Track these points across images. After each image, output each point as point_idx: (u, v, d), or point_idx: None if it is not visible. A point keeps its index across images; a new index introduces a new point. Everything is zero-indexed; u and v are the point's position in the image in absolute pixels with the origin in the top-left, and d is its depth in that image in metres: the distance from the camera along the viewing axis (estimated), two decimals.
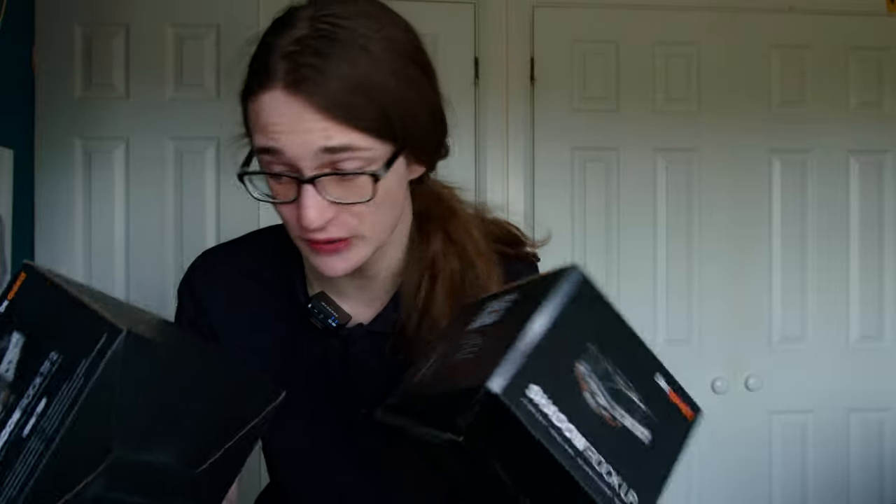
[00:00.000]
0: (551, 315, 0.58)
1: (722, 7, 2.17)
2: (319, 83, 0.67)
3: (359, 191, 0.71)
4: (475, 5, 2.10)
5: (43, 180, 1.94)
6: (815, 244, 2.21)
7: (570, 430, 0.56)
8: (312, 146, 0.68)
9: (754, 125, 2.18)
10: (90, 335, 0.58)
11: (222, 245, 0.94)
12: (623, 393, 0.61)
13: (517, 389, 0.55)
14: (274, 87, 0.69)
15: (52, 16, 1.94)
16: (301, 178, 0.69)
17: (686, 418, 0.66)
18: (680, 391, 0.66)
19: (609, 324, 0.63)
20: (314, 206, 0.69)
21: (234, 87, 0.80)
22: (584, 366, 0.59)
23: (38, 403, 0.57)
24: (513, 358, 0.56)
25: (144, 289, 1.97)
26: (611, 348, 0.61)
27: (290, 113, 0.68)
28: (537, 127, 2.13)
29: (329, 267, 0.74)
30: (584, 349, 0.60)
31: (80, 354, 0.57)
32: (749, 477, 2.19)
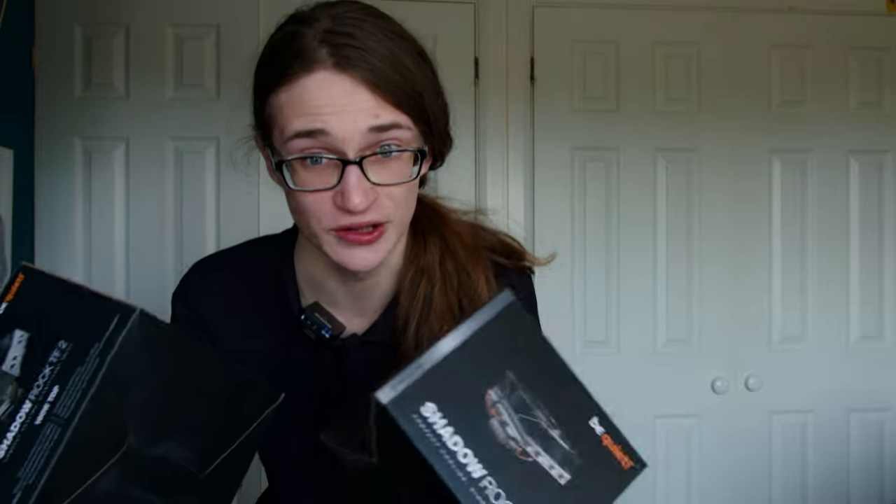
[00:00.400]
0: (463, 335, 0.56)
1: (722, 7, 2.17)
2: (366, 60, 0.69)
3: (399, 172, 0.71)
4: (475, 5, 2.10)
5: (43, 180, 1.94)
6: (815, 244, 2.21)
7: (465, 456, 0.53)
8: (361, 125, 0.68)
9: (754, 125, 2.18)
10: (101, 318, 0.58)
11: (215, 254, 0.93)
12: (541, 427, 0.56)
13: (409, 404, 0.53)
14: (318, 68, 0.69)
15: (52, 16, 1.94)
16: (346, 159, 0.69)
17: (620, 467, 0.59)
18: (620, 440, 0.60)
19: (538, 354, 0.59)
20: (359, 188, 0.69)
21: (234, 87, 0.80)
22: (495, 392, 0.56)
23: (50, 391, 0.57)
24: (410, 372, 0.54)
25: (144, 289, 1.96)
26: (535, 380, 0.57)
27: (340, 91, 0.68)
28: (537, 127, 2.13)
29: (359, 258, 0.74)
30: (498, 375, 0.56)
31: (92, 338, 0.58)
32: (749, 477, 2.19)
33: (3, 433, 0.56)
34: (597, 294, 2.14)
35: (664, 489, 2.17)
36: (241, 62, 0.78)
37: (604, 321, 2.14)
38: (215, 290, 0.88)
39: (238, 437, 0.71)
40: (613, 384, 2.10)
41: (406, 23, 0.77)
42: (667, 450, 2.16)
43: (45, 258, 1.94)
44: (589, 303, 2.14)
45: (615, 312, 2.14)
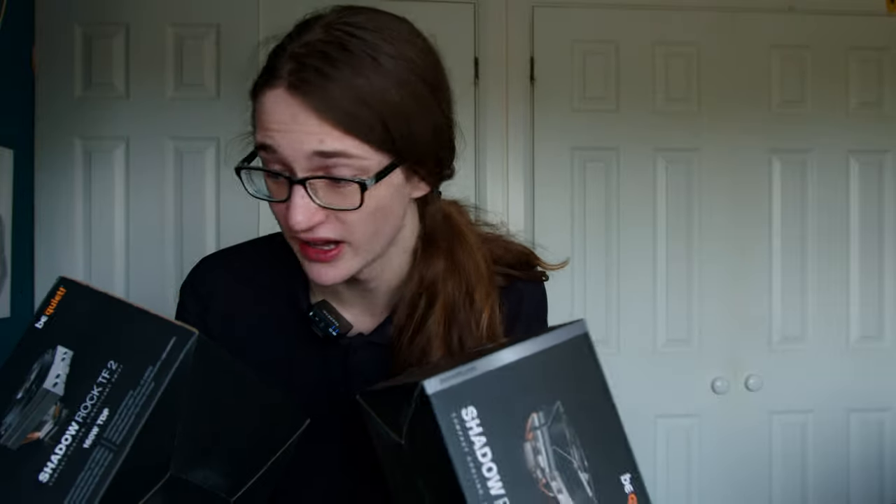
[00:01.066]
0: (526, 350, 0.55)
1: (722, 7, 2.17)
2: (321, 87, 0.68)
3: (349, 198, 0.71)
4: (475, 5, 2.10)
5: (43, 180, 1.94)
6: (815, 244, 2.21)
7: (489, 470, 0.52)
8: (305, 148, 0.68)
9: (754, 125, 2.18)
10: (155, 339, 0.56)
11: (222, 251, 0.94)
12: (572, 466, 0.55)
13: (452, 401, 0.52)
14: (277, 86, 0.70)
15: (52, 16, 1.94)
16: (293, 178, 0.70)
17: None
18: (644, 498, 0.58)
19: (593, 395, 0.58)
20: (302, 207, 0.70)
21: (234, 87, 0.80)
22: (539, 417, 0.55)
23: (100, 414, 0.55)
24: (463, 371, 0.53)
25: (144, 289, 1.96)
26: (581, 419, 0.56)
27: (288, 113, 0.69)
28: (537, 127, 2.13)
29: (318, 274, 0.75)
30: (548, 402, 0.55)
31: (145, 360, 0.55)
32: (749, 477, 2.19)
33: (48, 455, 0.54)
34: (597, 294, 2.14)
35: (664, 489, 2.17)
36: (241, 62, 0.78)
37: (604, 321, 2.14)
38: (220, 286, 0.88)
39: (265, 463, 0.70)
40: (613, 384, 2.09)
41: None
42: (667, 450, 2.16)
43: (45, 258, 1.94)
44: (589, 303, 2.14)
45: (615, 312, 2.14)
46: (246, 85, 0.77)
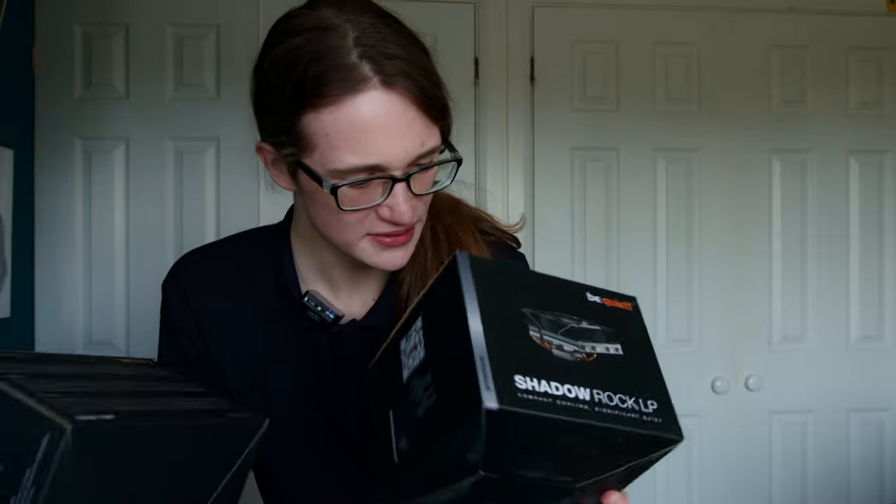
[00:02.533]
0: (475, 306, 0.57)
1: (722, 7, 2.17)
2: (407, 75, 0.68)
3: (432, 179, 0.74)
4: (475, 5, 2.10)
5: (43, 180, 1.94)
6: (815, 244, 2.21)
7: (569, 391, 0.55)
8: (412, 153, 0.69)
9: (754, 125, 2.18)
10: (30, 437, 0.51)
11: (205, 245, 0.93)
12: (577, 328, 0.60)
13: (508, 390, 0.53)
14: (367, 88, 0.67)
15: (52, 16, 1.94)
16: (395, 178, 0.70)
17: (628, 311, 0.66)
18: (609, 294, 0.66)
19: (522, 282, 0.62)
20: (408, 203, 0.71)
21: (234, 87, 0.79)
22: (534, 330, 0.58)
23: None
24: (482, 367, 0.53)
25: (144, 289, 1.97)
26: (540, 299, 0.61)
27: (394, 113, 0.68)
28: (537, 127, 2.13)
29: (394, 258, 0.76)
30: (522, 317, 0.58)
31: (23, 462, 0.51)
32: (749, 476, 2.19)
33: None
34: None
35: (664, 489, 2.17)
36: (241, 62, 0.78)
37: None
38: (206, 280, 0.88)
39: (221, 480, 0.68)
40: None
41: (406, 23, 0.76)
42: None
43: (45, 258, 1.94)
44: None
45: None
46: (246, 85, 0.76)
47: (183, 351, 0.87)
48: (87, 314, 1.97)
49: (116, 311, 1.97)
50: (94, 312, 1.97)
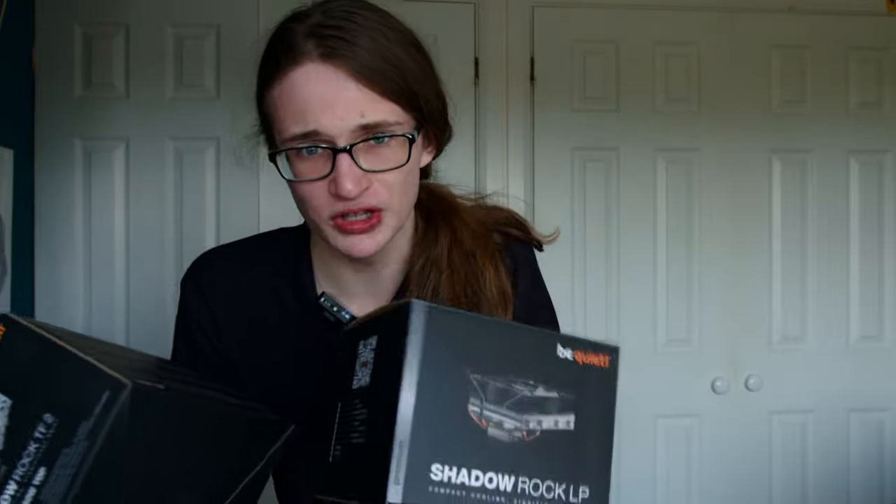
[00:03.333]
0: (413, 381, 0.54)
1: (722, 7, 2.17)
2: (351, 51, 0.70)
3: (392, 158, 0.73)
4: (475, 5, 2.09)
5: (43, 180, 1.94)
6: (815, 244, 2.21)
7: (490, 480, 0.54)
8: (350, 123, 0.70)
9: (754, 125, 2.18)
10: (90, 392, 0.52)
11: (226, 245, 0.94)
12: (527, 397, 0.57)
13: (418, 484, 0.52)
14: (305, 61, 0.71)
15: (52, 16, 1.94)
16: (336, 148, 0.71)
17: (601, 368, 0.62)
18: (585, 346, 0.61)
19: (482, 337, 0.58)
20: (350, 175, 0.71)
21: (234, 87, 0.80)
22: (474, 404, 0.56)
23: (36, 473, 0.51)
24: (398, 454, 0.53)
25: (144, 289, 1.96)
26: (495, 363, 0.57)
27: (327, 83, 0.70)
28: (537, 127, 2.13)
29: (357, 246, 0.75)
30: (466, 386, 0.56)
31: (79, 415, 0.52)
32: (749, 477, 2.19)
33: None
34: (597, 294, 2.14)
35: (664, 489, 2.17)
36: (241, 62, 0.78)
37: (604, 321, 2.14)
38: (223, 280, 0.88)
39: (247, 475, 0.69)
40: None
41: (406, 23, 0.78)
42: (667, 450, 2.16)
43: (45, 258, 1.94)
44: (589, 303, 2.14)
45: (615, 313, 2.14)
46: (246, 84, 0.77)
47: (199, 348, 0.88)
48: (87, 314, 1.97)
49: (116, 311, 1.97)
50: (94, 312, 1.97)
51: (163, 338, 0.91)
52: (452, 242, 0.85)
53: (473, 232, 0.86)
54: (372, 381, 0.59)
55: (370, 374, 0.59)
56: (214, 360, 0.87)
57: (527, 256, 0.92)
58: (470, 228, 0.86)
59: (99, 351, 0.58)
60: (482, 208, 0.92)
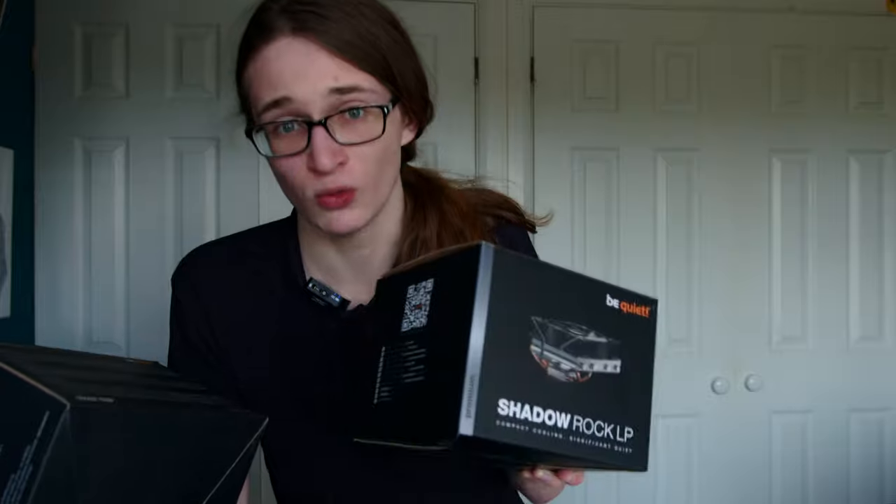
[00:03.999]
0: (483, 318, 0.56)
1: (722, 7, 2.17)
2: (323, 26, 0.71)
3: (367, 131, 0.73)
4: (475, 5, 2.09)
5: (43, 180, 1.94)
6: (815, 244, 2.21)
7: (550, 417, 0.57)
8: (321, 87, 0.70)
9: (754, 125, 2.18)
10: (31, 414, 0.51)
11: (215, 240, 0.95)
12: (581, 341, 0.61)
13: (487, 417, 0.54)
14: (278, 37, 0.72)
15: (52, 16, 1.94)
16: (311, 121, 0.71)
17: (643, 318, 0.68)
18: (630, 297, 0.66)
19: (541, 282, 0.61)
20: (326, 148, 0.71)
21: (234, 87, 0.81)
22: (536, 344, 0.58)
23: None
24: (469, 388, 0.54)
25: (144, 289, 1.96)
26: (553, 307, 0.60)
27: (298, 55, 0.71)
28: (537, 127, 2.13)
29: (337, 221, 0.75)
30: (529, 327, 0.58)
31: (23, 439, 0.51)
32: (749, 476, 2.19)
33: None
34: None
35: (664, 489, 2.17)
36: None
37: None
38: (216, 271, 0.89)
39: (223, 473, 0.69)
40: None
41: (406, 22, 0.79)
42: (667, 450, 2.16)
43: (45, 258, 1.94)
44: None
45: None
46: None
47: (193, 343, 0.88)
48: (87, 314, 1.97)
49: (116, 311, 1.97)
50: (94, 312, 1.97)
51: (163, 337, 0.91)
52: (441, 223, 0.85)
53: (462, 212, 0.87)
54: (430, 322, 0.61)
55: (426, 315, 0.61)
56: (208, 354, 0.88)
57: (523, 239, 0.93)
58: (458, 207, 0.87)
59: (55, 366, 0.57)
60: (473, 190, 0.92)
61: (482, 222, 0.88)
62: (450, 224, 0.85)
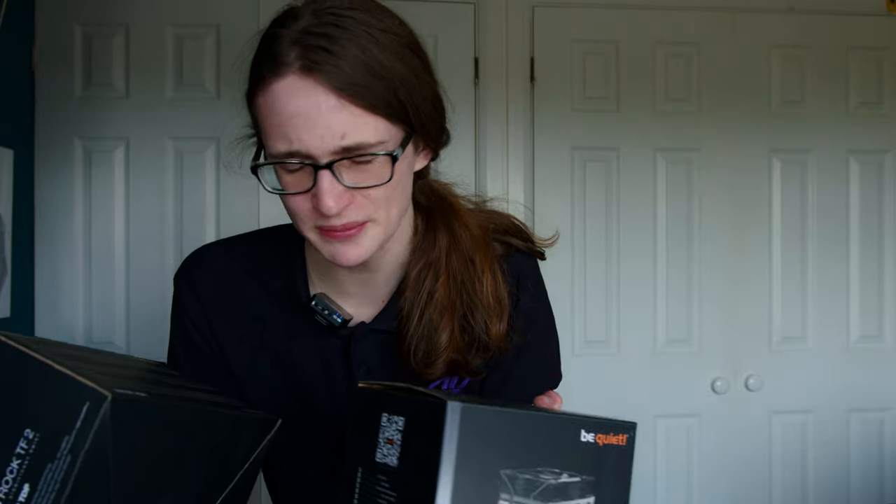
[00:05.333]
0: (449, 483, 0.56)
1: (722, 7, 2.17)
2: (333, 65, 0.68)
3: (375, 174, 0.71)
4: (475, 5, 2.09)
5: (43, 180, 1.94)
6: (815, 244, 2.21)
7: None
8: (329, 144, 0.68)
9: (754, 125, 2.18)
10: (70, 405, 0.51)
11: (221, 241, 0.93)
12: (552, 485, 0.59)
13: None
14: (287, 73, 0.69)
15: (52, 16, 1.94)
16: (317, 164, 0.69)
17: (620, 447, 0.64)
18: (606, 428, 0.63)
19: (511, 431, 0.60)
20: (331, 192, 0.70)
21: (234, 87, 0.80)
22: (505, 499, 0.57)
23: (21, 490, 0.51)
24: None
25: (144, 289, 1.96)
26: (522, 455, 0.59)
27: (307, 101, 0.68)
28: (537, 127, 2.13)
29: (343, 255, 0.74)
30: (497, 482, 0.57)
31: (61, 430, 0.51)
32: (749, 477, 2.19)
33: None
34: (597, 294, 2.14)
35: (664, 489, 2.17)
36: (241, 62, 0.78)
37: (604, 321, 2.14)
38: (219, 277, 0.88)
39: (235, 474, 0.69)
40: (613, 384, 2.10)
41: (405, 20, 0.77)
42: (667, 450, 2.16)
43: (46, 258, 1.94)
44: (589, 303, 2.14)
45: (615, 312, 2.14)
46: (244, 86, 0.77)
47: (194, 344, 0.88)
48: (87, 314, 1.97)
49: (116, 310, 1.97)
50: (94, 312, 1.97)
51: (163, 337, 0.91)
52: (451, 245, 0.84)
53: (473, 236, 0.85)
54: (401, 466, 0.60)
55: (398, 457, 0.60)
56: (209, 354, 0.88)
57: (530, 269, 0.91)
58: (470, 232, 0.85)
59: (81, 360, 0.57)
60: (483, 212, 0.91)
61: (492, 249, 0.86)
62: (460, 249, 0.84)
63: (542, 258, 0.93)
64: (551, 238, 0.93)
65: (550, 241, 0.93)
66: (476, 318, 0.83)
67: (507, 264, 0.87)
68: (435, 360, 0.81)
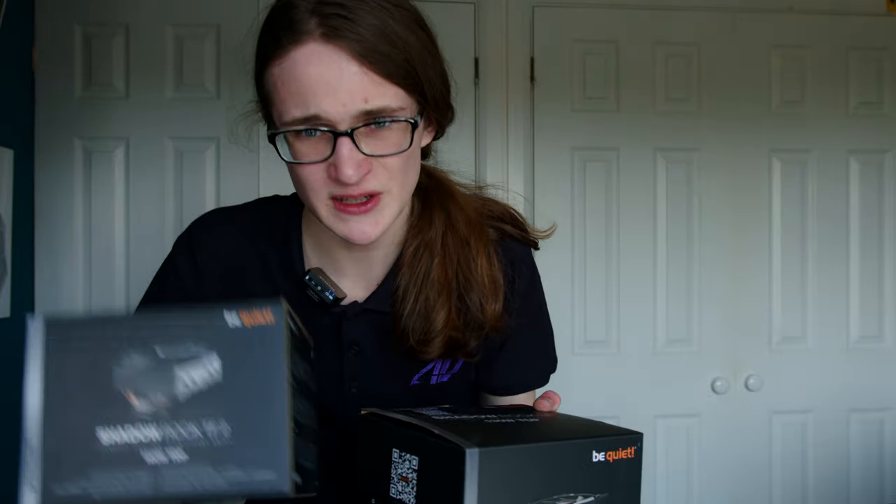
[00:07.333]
0: None
1: (722, 7, 2.17)
2: (354, 32, 0.68)
3: (394, 142, 0.72)
4: (475, 5, 2.10)
5: (43, 180, 1.94)
6: (815, 244, 2.21)
7: None
8: (352, 108, 0.68)
9: (754, 125, 2.18)
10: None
11: (225, 208, 0.94)
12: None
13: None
14: (307, 41, 0.69)
15: (52, 16, 1.94)
16: (336, 131, 0.69)
17: (629, 460, 0.66)
18: (615, 444, 0.65)
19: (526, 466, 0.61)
20: (351, 160, 0.70)
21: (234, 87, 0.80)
22: None
23: None
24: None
25: (144, 288, 1.96)
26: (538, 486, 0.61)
27: (329, 66, 0.68)
28: (537, 127, 2.13)
29: (359, 232, 0.74)
30: None
31: None
32: (749, 477, 2.19)
33: None
34: (597, 294, 2.14)
35: (664, 489, 2.17)
36: (241, 62, 0.78)
37: (604, 321, 2.14)
38: (218, 243, 0.88)
39: None
40: (613, 384, 2.10)
41: None
42: (667, 450, 2.16)
43: (45, 258, 1.94)
44: (589, 303, 2.14)
45: (615, 312, 2.14)
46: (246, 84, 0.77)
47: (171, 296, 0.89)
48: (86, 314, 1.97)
49: (116, 310, 1.97)
50: (94, 312, 1.97)
51: None
52: (447, 226, 0.84)
53: (468, 218, 0.86)
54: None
55: (415, 496, 0.62)
56: None
57: (526, 257, 0.92)
58: (465, 214, 0.86)
59: None
60: (479, 198, 0.92)
61: (486, 232, 0.87)
62: (455, 230, 0.85)
63: (536, 248, 0.93)
64: (548, 230, 0.94)
65: (546, 233, 0.93)
66: (471, 298, 0.83)
67: (500, 248, 0.88)
68: (433, 338, 0.82)
